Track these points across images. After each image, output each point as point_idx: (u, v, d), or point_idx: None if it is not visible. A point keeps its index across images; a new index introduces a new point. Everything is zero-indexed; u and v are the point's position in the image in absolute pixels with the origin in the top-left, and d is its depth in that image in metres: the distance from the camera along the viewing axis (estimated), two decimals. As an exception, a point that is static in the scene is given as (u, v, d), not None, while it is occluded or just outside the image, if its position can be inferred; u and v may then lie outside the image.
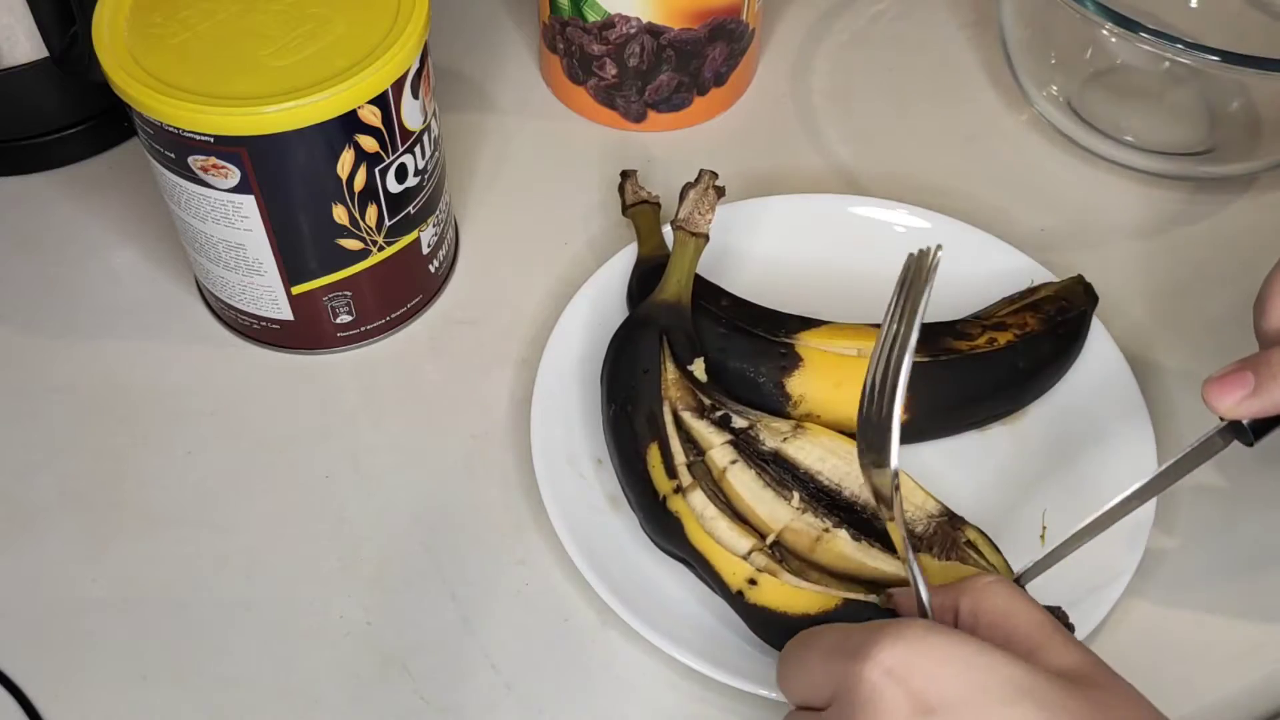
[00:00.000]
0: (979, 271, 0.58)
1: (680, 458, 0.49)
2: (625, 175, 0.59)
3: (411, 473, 0.54)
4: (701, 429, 0.50)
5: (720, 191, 0.56)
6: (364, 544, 0.52)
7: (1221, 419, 0.43)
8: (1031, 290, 0.56)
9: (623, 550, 0.50)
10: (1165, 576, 0.50)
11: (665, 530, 0.49)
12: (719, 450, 0.50)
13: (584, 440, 0.53)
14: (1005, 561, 0.47)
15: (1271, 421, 0.43)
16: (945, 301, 0.57)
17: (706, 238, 0.55)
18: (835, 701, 0.35)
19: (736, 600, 0.47)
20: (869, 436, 0.40)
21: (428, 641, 0.49)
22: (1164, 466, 0.44)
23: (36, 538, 0.52)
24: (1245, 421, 0.43)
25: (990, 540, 0.48)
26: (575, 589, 0.50)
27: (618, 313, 0.57)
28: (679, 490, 0.48)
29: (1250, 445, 0.43)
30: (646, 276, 0.56)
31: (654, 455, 0.49)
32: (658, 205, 0.59)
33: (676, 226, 0.55)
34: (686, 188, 0.56)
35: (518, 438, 0.55)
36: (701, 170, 0.56)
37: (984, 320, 0.54)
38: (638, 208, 0.58)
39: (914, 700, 0.33)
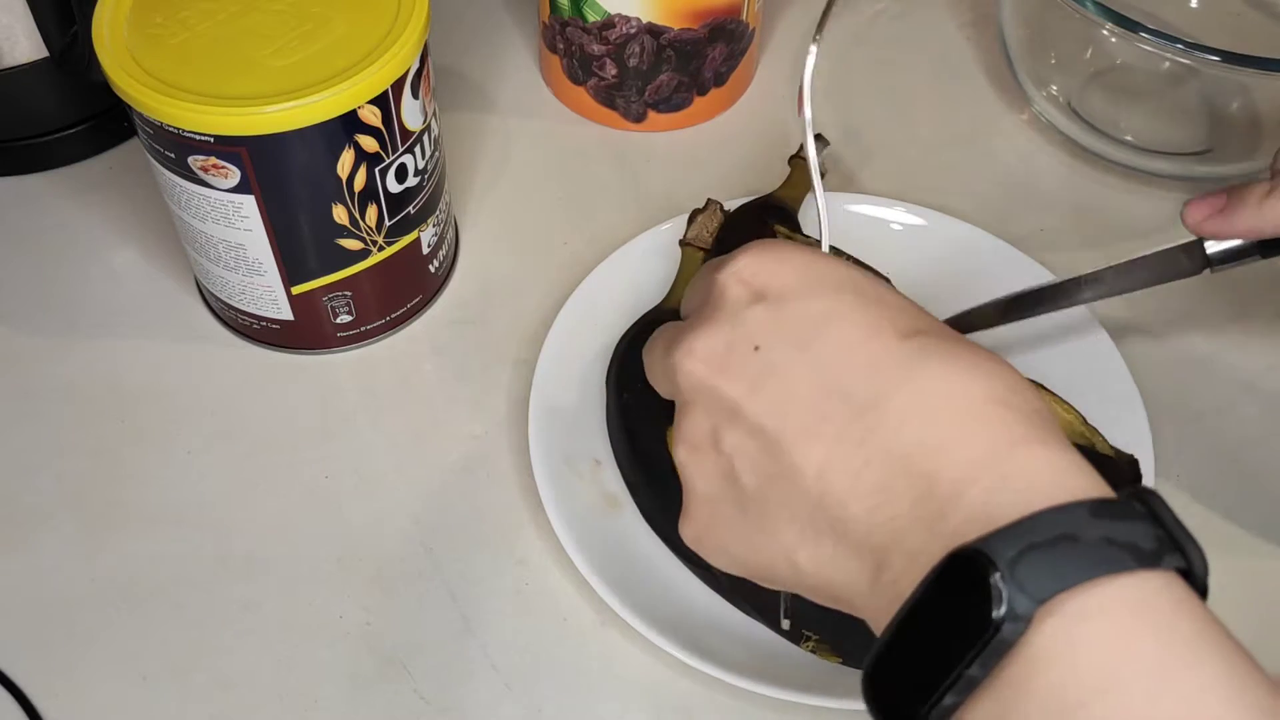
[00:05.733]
0: (979, 271, 0.58)
1: None
2: (820, 140, 0.61)
3: (411, 473, 0.54)
4: None
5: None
6: (364, 544, 0.52)
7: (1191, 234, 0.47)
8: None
9: (622, 550, 0.50)
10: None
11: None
12: None
13: (582, 440, 0.53)
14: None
15: (1234, 255, 0.46)
16: (944, 301, 0.57)
17: (710, 253, 0.57)
18: (699, 309, 0.38)
19: (747, 582, 0.47)
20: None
21: (428, 641, 0.49)
22: (1122, 262, 0.48)
23: (36, 537, 0.52)
24: (1207, 249, 0.47)
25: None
26: (574, 589, 0.50)
27: (617, 312, 0.57)
28: None
29: (1210, 270, 0.47)
30: (769, 209, 0.59)
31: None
32: (822, 174, 0.60)
33: (685, 244, 0.57)
34: (695, 213, 0.58)
35: (517, 438, 0.55)
36: (709, 200, 0.58)
37: None
38: (802, 166, 0.60)
39: (750, 291, 0.36)
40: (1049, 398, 0.50)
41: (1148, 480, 0.51)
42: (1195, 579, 0.29)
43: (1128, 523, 0.29)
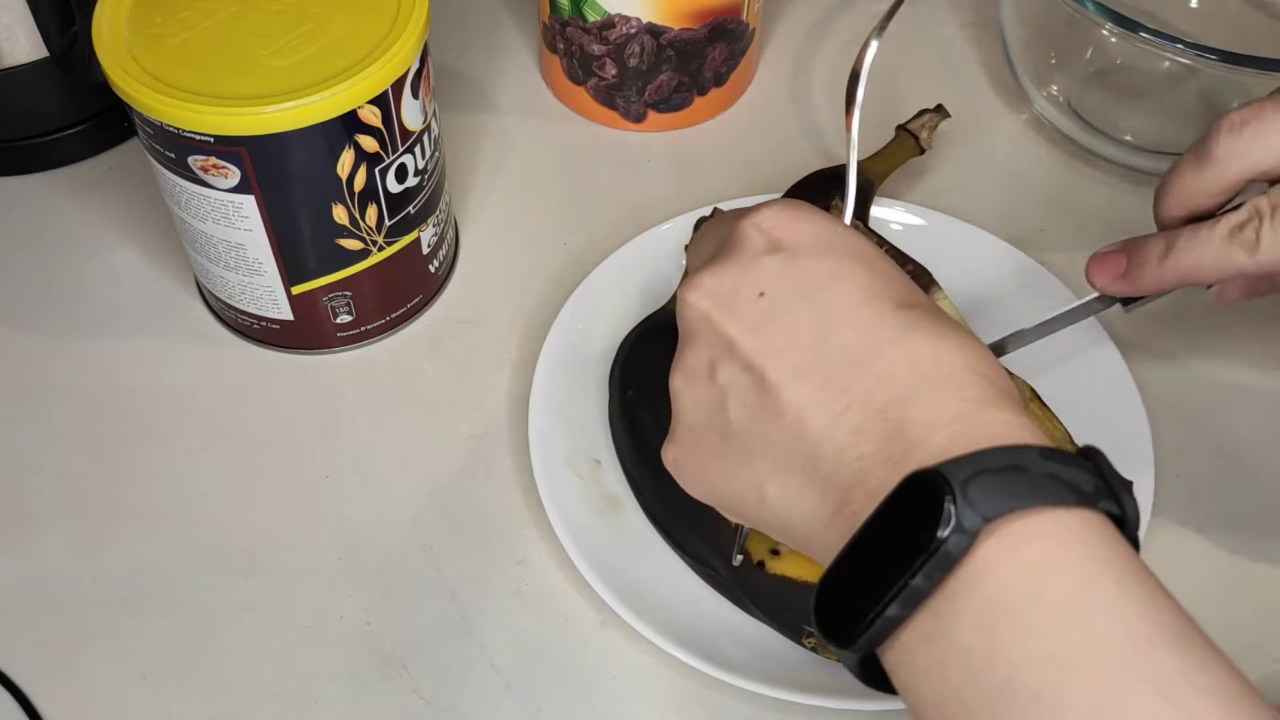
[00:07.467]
0: (979, 271, 0.58)
1: None
2: (941, 110, 0.62)
3: (411, 473, 0.54)
4: None
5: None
6: (364, 544, 0.52)
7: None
8: None
9: (622, 550, 0.50)
10: (1162, 576, 0.50)
11: (691, 500, 0.49)
12: None
13: (582, 440, 0.53)
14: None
15: (1142, 298, 0.49)
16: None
17: None
18: (717, 251, 0.40)
19: (755, 573, 0.47)
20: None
21: (428, 641, 0.49)
22: (1047, 319, 0.50)
23: (36, 537, 0.52)
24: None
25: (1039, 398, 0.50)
26: (575, 589, 0.50)
27: (617, 312, 0.57)
28: None
29: (1124, 309, 0.50)
30: (836, 179, 0.58)
31: None
32: (921, 151, 0.61)
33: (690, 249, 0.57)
34: (701, 220, 0.58)
35: (517, 438, 0.55)
36: (715, 209, 0.58)
37: None
38: (904, 138, 0.61)
39: (768, 241, 0.38)
40: (1043, 412, 0.50)
41: (1148, 480, 0.51)
42: (1128, 528, 0.32)
43: (1072, 468, 0.31)
